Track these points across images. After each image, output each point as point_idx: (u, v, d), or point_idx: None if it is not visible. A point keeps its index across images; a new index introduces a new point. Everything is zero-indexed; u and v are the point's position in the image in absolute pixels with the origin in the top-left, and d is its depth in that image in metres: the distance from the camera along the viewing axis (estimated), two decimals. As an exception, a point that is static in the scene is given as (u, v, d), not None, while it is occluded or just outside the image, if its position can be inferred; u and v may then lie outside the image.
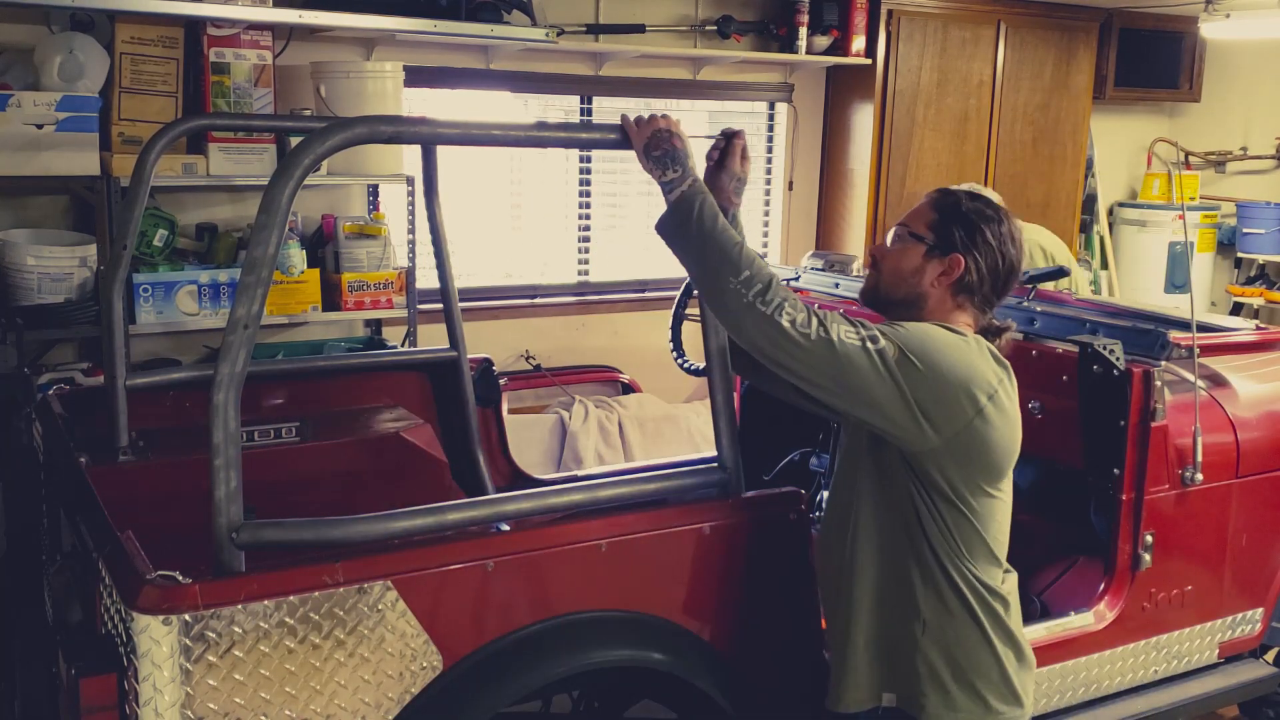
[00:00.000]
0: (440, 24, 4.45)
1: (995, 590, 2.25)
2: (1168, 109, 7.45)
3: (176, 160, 4.11)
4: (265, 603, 1.97)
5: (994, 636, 2.25)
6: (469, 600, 2.17)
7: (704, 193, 2.13)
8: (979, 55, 6.13)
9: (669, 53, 5.47)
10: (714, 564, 2.41)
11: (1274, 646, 3.57)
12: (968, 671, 2.24)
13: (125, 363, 2.97)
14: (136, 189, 2.84)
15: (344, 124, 2.07)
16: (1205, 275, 7.17)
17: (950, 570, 2.22)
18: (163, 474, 2.91)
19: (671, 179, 2.14)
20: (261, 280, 1.96)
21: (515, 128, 2.70)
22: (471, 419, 3.55)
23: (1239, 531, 3.26)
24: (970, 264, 2.24)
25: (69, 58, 4.02)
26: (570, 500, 2.34)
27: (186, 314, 4.20)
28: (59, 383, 3.68)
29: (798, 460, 3.84)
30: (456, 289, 3.54)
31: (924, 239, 2.27)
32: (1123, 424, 2.97)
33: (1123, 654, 3.10)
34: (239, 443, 1.98)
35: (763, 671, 2.49)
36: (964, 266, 2.23)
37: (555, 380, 5.47)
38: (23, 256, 4.00)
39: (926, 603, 2.23)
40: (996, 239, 2.26)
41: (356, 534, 2.08)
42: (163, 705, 1.91)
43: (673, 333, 3.78)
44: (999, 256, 2.26)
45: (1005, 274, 2.28)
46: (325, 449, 3.23)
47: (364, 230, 4.59)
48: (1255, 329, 3.92)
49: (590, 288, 5.79)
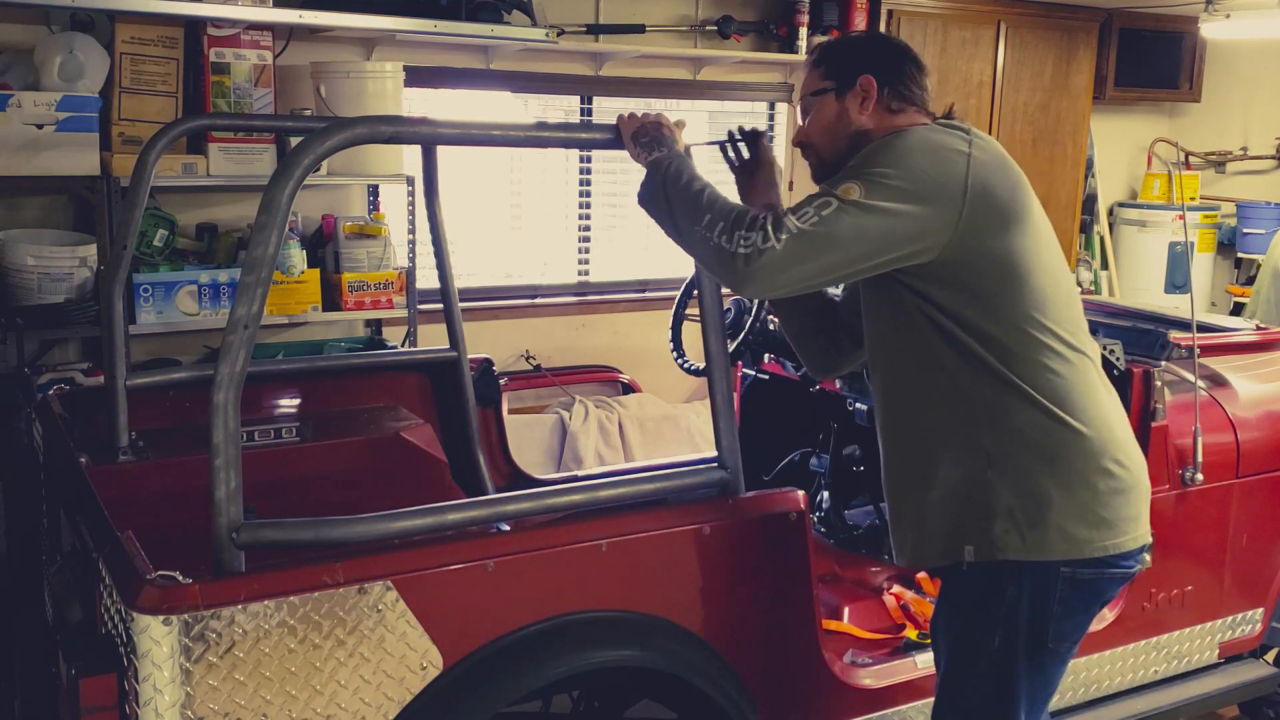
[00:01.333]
0: (440, 24, 4.45)
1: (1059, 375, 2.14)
2: (1168, 109, 7.45)
3: (176, 160, 4.11)
4: (265, 603, 1.97)
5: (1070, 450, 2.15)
6: (469, 600, 2.17)
7: (679, 158, 2.17)
8: (979, 55, 6.13)
9: (669, 53, 5.47)
10: (714, 564, 2.41)
11: (1274, 646, 3.57)
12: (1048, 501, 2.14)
13: (125, 363, 2.97)
14: (136, 189, 2.84)
15: (344, 124, 2.07)
16: (1205, 275, 7.16)
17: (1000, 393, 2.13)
18: (163, 474, 2.90)
19: (654, 157, 2.19)
20: (261, 280, 1.96)
21: (515, 128, 2.70)
22: (471, 419, 3.55)
23: (1239, 532, 3.26)
24: (880, 75, 2.25)
25: (69, 58, 4.02)
26: (570, 500, 2.34)
27: (186, 314, 4.20)
28: (59, 383, 3.67)
29: (798, 460, 3.84)
30: (456, 289, 3.54)
31: (826, 89, 2.29)
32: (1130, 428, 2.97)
33: (1123, 654, 3.10)
34: (239, 443, 1.98)
35: (763, 671, 2.49)
36: (877, 80, 2.25)
37: (555, 380, 5.47)
38: (23, 256, 4.00)
39: (987, 433, 2.14)
40: (874, 41, 2.38)
41: (356, 534, 2.08)
42: (163, 705, 1.91)
43: (673, 333, 3.78)
44: (889, 51, 2.31)
45: (903, 59, 2.30)
46: (325, 449, 3.22)
47: (364, 230, 4.59)
48: (1255, 329, 3.92)
49: (590, 288, 5.79)
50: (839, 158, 2.25)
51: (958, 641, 2.29)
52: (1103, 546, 2.18)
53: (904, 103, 2.27)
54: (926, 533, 2.26)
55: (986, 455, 2.16)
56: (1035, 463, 2.15)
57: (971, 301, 2.14)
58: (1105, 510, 2.18)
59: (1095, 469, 2.18)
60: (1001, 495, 2.16)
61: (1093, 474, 2.17)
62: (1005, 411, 2.15)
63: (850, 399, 3.47)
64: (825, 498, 3.69)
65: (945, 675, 2.32)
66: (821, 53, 2.35)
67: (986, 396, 2.15)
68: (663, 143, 2.20)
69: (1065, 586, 2.18)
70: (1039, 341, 2.16)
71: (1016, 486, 2.15)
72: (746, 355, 3.76)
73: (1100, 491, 2.17)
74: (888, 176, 2.06)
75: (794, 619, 2.52)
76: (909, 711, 2.74)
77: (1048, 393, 2.15)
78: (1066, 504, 2.15)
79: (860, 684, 2.69)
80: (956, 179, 2.09)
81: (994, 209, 2.12)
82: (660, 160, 2.18)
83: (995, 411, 2.16)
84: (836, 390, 3.48)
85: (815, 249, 2.01)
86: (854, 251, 2.05)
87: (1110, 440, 2.21)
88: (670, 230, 2.15)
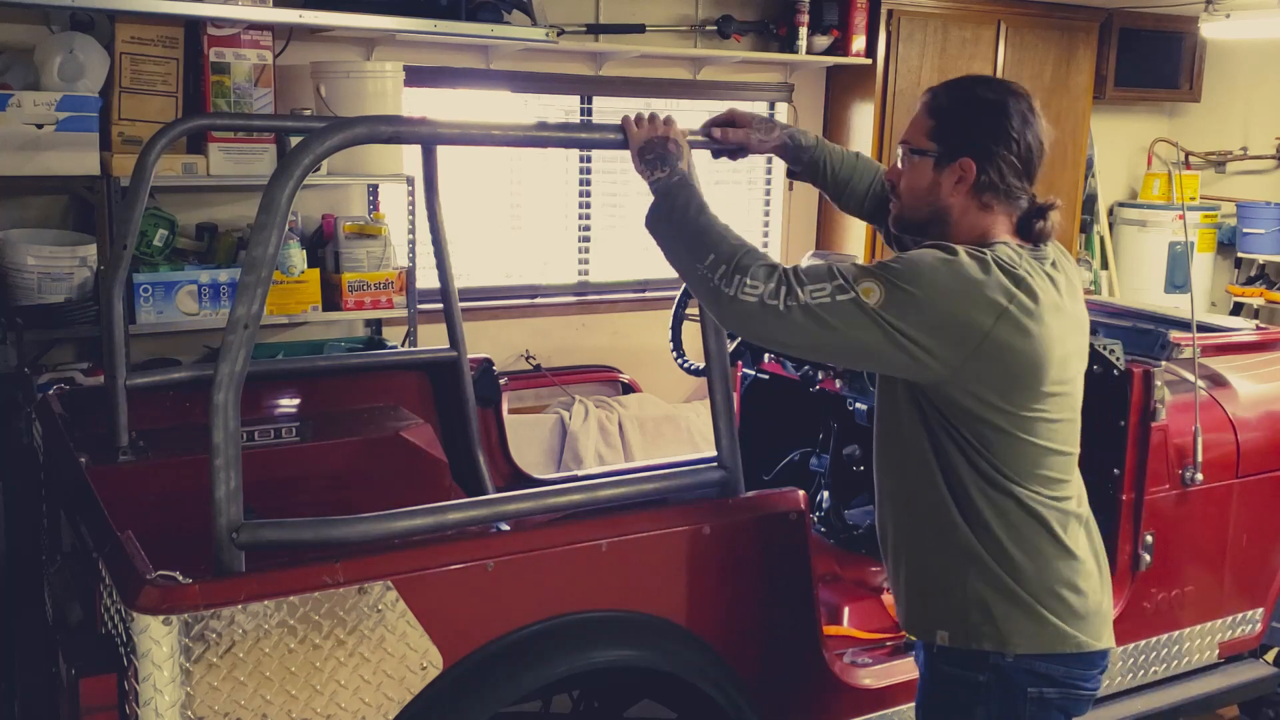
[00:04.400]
0: (440, 24, 4.45)
1: (1049, 506, 2.11)
2: (1168, 109, 7.45)
3: (176, 160, 4.11)
4: (265, 603, 1.97)
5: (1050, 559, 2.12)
6: (469, 600, 2.17)
7: (687, 185, 2.13)
8: (979, 55, 6.13)
9: (669, 53, 5.47)
10: (714, 564, 2.41)
11: (1274, 646, 3.57)
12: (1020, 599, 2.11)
13: (125, 363, 2.97)
14: (136, 189, 2.84)
15: (344, 124, 2.07)
16: (1205, 275, 7.16)
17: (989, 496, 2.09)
18: (163, 474, 2.90)
19: (659, 178, 2.15)
20: (261, 280, 1.96)
21: (515, 128, 2.70)
22: (471, 419, 3.55)
23: (1239, 531, 3.26)
24: (982, 163, 2.09)
25: (69, 58, 4.02)
26: (570, 500, 2.34)
27: (186, 314, 4.20)
28: (59, 383, 3.68)
29: (798, 460, 3.84)
30: (456, 289, 3.54)
31: (927, 151, 2.13)
32: (1123, 424, 2.97)
33: (1123, 654, 3.10)
34: (239, 443, 1.98)
35: (762, 671, 2.49)
36: (977, 168, 2.09)
37: (555, 380, 5.47)
38: (23, 256, 4.00)
39: (970, 535, 2.12)
40: (1003, 123, 2.09)
41: (356, 534, 2.08)
42: (163, 705, 1.91)
43: (673, 333, 3.78)
44: (1012, 141, 2.09)
45: (1025, 155, 2.11)
46: (325, 449, 3.22)
47: (364, 230, 4.59)
48: (1255, 329, 3.92)
49: (590, 288, 5.79)
50: (916, 217, 2.19)
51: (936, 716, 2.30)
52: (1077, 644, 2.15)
53: (995, 198, 2.12)
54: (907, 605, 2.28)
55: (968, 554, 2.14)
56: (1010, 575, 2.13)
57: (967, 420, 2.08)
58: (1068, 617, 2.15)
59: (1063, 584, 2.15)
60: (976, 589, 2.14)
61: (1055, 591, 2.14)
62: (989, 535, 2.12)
63: (850, 399, 3.47)
64: (825, 498, 3.69)
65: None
66: (937, 104, 2.16)
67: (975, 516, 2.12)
68: (667, 161, 2.15)
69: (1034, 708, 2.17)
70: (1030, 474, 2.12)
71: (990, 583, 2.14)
72: (746, 355, 3.76)
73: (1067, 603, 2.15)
74: (911, 297, 1.96)
75: (794, 619, 2.52)
76: (909, 711, 2.73)
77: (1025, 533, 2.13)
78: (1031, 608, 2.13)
79: (860, 684, 2.68)
80: (976, 330, 1.98)
81: (1000, 377, 2.03)
82: (667, 186, 2.13)
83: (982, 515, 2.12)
84: (836, 390, 3.48)
85: (813, 329, 1.95)
86: (846, 351, 2.02)
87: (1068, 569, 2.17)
88: (672, 262, 2.12)
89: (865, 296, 1.95)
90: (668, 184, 2.14)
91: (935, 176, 2.13)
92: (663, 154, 2.17)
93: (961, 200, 2.13)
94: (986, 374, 2.02)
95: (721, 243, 2.02)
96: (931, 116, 2.15)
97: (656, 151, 2.17)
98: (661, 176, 2.15)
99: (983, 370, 2.01)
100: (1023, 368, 2.03)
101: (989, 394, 2.04)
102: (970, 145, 2.10)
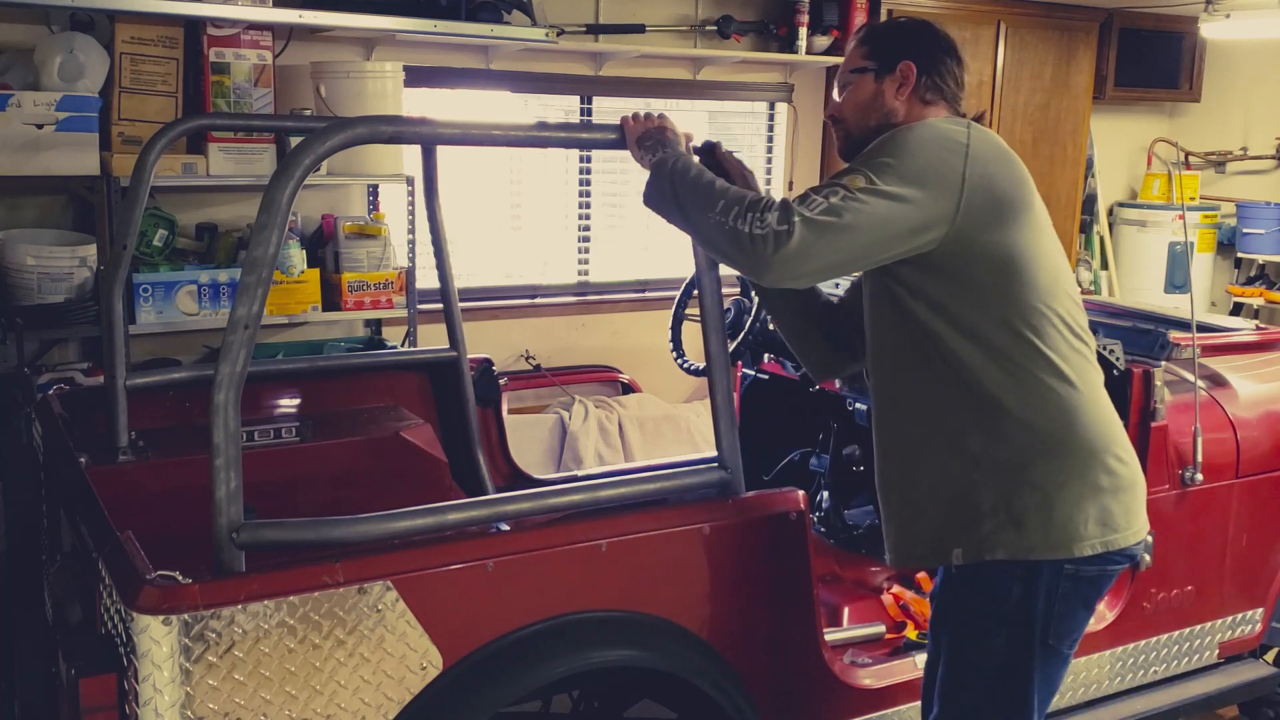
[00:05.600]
0: (440, 24, 4.45)
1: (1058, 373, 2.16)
2: (1168, 109, 7.45)
3: (176, 160, 4.11)
4: (265, 603, 1.97)
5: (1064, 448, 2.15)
6: (469, 600, 2.17)
7: (683, 157, 2.19)
8: (979, 55, 6.13)
9: (669, 53, 5.47)
10: (714, 564, 2.41)
11: (1274, 646, 3.57)
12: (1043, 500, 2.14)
13: (125, 363, 2.97)
14: (136, 189, 2.84)
15: (344, 124, 2.07)
16: (1205, 275, 7.16)
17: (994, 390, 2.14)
18: (163, 474, 2.90)
19: (658, 158, 2.21)
20: (261, 280, 1.96)
21: (515, 128, 2.70)
22: (471, 419, 3.55)
23: (1239, 532, 3.26)
24: (919, 63, 2.28)
25: (69, 58, 4.02)
26: (570, 500, 2.34)
27: (186, 314, 4.20)
28: (59, 383, 3.68)
29: (798, 460, 3.84)
30: (456, 289, 3.54)
31: (867, 68, 2.32)
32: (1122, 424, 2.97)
33: (1123, 654, 3.10)
34: (239, 443, 1.98)
35: (762, 671, 2.49)
36: (916, 68, 2.28)
37: (555, 380, 5.47)
38: (23, 256, 4.00)
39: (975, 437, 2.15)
40: (925, 32, 2.34)
41: (356, 534, 2.08)
42: (163, 705, 1.91)
43: (673, 333, 3.78)
44: (935, 45, 2.32)
45: (946, 52, 2.32)
46: (325, 449, 3.22)
47: (364, 230, 4.59)
48: (1255, 329, 3.92)
49: (590, 288, 5.79)
50: (866, 136, 2.30)
51: (958, 643, 2.28)
52: (1105, 542, 2.18)
53: (937, 95, 2.31)
54: (912, 533, 2.28)
55: (973, 458, 2.17)
56: (1027, 464, 2.15)
57: (970, 298, 2.15)
58: (1108, 506, 2.18)
59: (1097, 465, 2.18)
60: (987, 497, 2.16)
61: (1093, 471, 2.18)
62: (995, 416, 2.16)
63: (850, 399, 3.47)
64: (825, 498, 3.69)
65: (946, 677, 2.32)
66: (868, 33, 2.38)
67: (976, 401, 2.17)
68: (666, 144, 2.23)
69: (1068, 584, 2.19)
70: (1036, 343, 2.16)
71: (1005, 488, 2.16)
72: (746, 355, 3.76)
73: (1103, 489, 2.18)
74: (889, 165, 2.10)
75: (794, 619, 2.52)
76: (909, 711, 2.74)
77: (1043, 394, 2.16)
78: (1065, 502, 2.15)
79: (860, 684, 2.69)
80: (954, 168, 2.12)
81: (993, 201, 2.14)
82: (664, 159, 2.20)
83: (984, 416, 2.17)
84: (836, 390, 3.48)
85: (830, 236, 2.03)
86: (865, 237, 2.07)
87: (1109, 437, 2.22)
88: (682, 223, 2.17)
89: (854, 185, 2.08)
90: (664, 158, 2.20)
91: (877, 87, 2.31)
92: (660, 139, 2.24)
93: (905, 104, 2.30)
94: (980, 210, 2.12)
95: (727, 190, 2.10)
96: (864, 44, 2.36)
97: (654, 138, 2.25)
98: (661, 155, 2.21)
99: (974, 206, 2.11)
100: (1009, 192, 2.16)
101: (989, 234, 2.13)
102: (906, 51, 2.30)
